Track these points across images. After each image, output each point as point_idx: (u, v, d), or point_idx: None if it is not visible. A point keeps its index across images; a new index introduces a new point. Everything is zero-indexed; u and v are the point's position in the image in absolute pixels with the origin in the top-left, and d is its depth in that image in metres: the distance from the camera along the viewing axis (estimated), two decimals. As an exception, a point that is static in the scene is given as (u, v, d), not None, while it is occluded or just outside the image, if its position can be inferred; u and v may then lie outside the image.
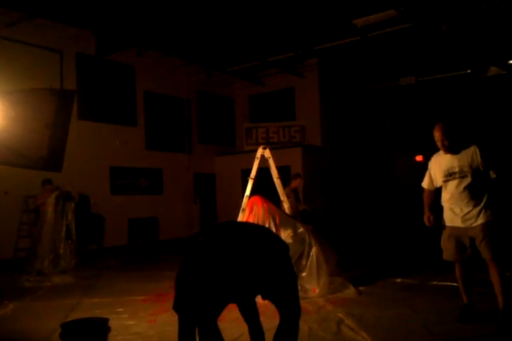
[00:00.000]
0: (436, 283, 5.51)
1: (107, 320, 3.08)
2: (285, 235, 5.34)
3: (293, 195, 7.49)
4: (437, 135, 3.89)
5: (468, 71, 11.36)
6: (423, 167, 4.33)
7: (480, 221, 3.74)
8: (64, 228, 7.09)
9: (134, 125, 11.29)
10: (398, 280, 5.81)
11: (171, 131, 12.33)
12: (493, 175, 3.80)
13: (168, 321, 4.26)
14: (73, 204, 7.28)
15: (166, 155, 11.93)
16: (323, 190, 11.84)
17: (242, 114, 14.39)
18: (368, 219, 11.82)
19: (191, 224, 12.27)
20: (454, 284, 5.22)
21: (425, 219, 4.09)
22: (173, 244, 10.97)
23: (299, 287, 4.98)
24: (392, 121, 14.57)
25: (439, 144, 3.91)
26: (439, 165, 4.00)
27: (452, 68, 11.46)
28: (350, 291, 5.13)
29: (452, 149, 3.88)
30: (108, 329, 3.02)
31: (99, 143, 10.16)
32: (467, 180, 3.81)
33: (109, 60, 10.58)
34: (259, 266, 2.55)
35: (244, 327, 2.99)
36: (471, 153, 3.84)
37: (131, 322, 4.31)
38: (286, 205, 6.11)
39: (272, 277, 2.57)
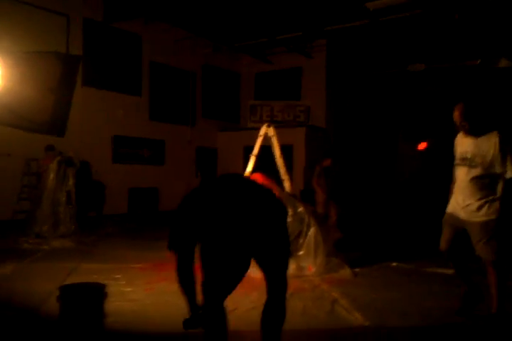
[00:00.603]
0: (431, 269, 5.55)
1: (104, 286, 3.11)
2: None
3: (323, 174, 7.41)
4: (456, 115, 3.57)
5: (479, 61, 11.21)
6: (425, 154, 4.20)
7: (480, 218, 3.48)
8: (64, 193, 7.12)
9: (139, 94, 11.20)
10: (394, 264, 5.87)
11: (175, 103, 12.24)
12: (510, 173, 3.43)
13: (165, 290, 4.32)
14: (75, 170, 7.28)
15: (169, 127, 11.88)
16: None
17: (247, 91, 14.27)
18: (369, 202, 11.86)
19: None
20: (449, 272, 5.31)
21: None
22: (172, 214, 11.01)
23: (295, 265, 5.07)
24: (397, 107, 14.48)
25: (458, 126, 3.62)
26: (456, 146, 3.71)
27: (462, 58, 11.31)
28: (346, 272, 5.18)
29: (472, 132, 3.55)
30: (105, 295, 3.05)
31: (103, 111, 10.10)
32: (476, 172, 3.50)
33: (116, 27, 10.41)
34: (257, 219, 2.49)
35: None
36: (490, 143, 3.47)
37: (128, 289, 4.36)
38: (287, 184, 6.11)
39: (268, 235, 2.51)
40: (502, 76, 11.41)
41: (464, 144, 3.63)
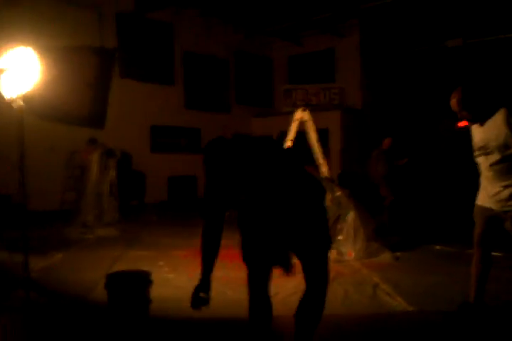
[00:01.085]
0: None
1: (149, 273, 3.19)
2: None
3: (383, 157, 7.45)
4: (453, 104, 3.20)
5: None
6: (468, 133, 3.87)
7: None
8: (107, 184, 7.32)
9: (173, 84, 11.29)
10: (437, 247, 5.76)
11: (210, 91, 12.28)
12: None
13: (208, 276, 4.40)
14: (116, 161, 7.46)
15: (204, 115, 11.95)
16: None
17: (280, 75, 14.13)
18: (409, 186, 11.62)
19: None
20: (495, 254, 5.16)
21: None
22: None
23: (335, 250, 5.05)
24: (437, 84, 14.01)
25: (458, 116, 3.26)
26: (472, 137, 3.37)
27: (503, 30, 10.79)
28: (387, 256, 5.14)
29: (476, 120, 3.23)
30: (150, 282, 3.13)
31: (140, 102, 10.25)
32: (493, 157, 3.16)
33: (147, 18, 10.47)
34: (295, 195, 2.31)
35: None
36: (497, 123, 3.12)
37: (171, 276, 4.47)
38: (324, 168, 6.07)
39: (306, 216, 2.32)
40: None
41: (476, 134, 3.30)
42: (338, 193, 5.43)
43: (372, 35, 12.46)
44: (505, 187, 3.15)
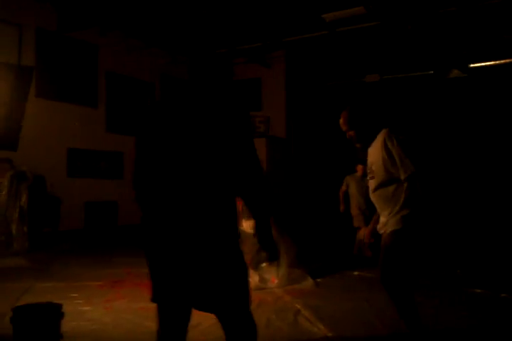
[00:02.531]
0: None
1: (60, 305, 3.01)
2: (246, 225, 5.34)
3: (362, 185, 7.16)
4: (340, 123, 3.20)
5: (431, 72, 11.65)
6: None
7: (388, 229, 2.99)
8: (17, 209, 6.84)
9: (95, 106, 10.95)
10: (355, 273, 5.94)
11: (134, 114, 12.05)
12: (402, 174, 2.88)
13: (124, 308, 4.21)
14: (28, 185, 7.02)
15: (127, 139, 11.64)
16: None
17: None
18: (326, 212, 12.00)
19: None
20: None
21: None
22: (132, 230, 10.78)
23: (258, 277, 5.05)
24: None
25: (347, 136, 3.22)
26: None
27: (416, 68, 11.72)
28: (309, 283, 5.20)
29: (360, 140, 3.17)
30: (62, 315, 2.95)
31: (57, 123, 9.80)
32: (375, 181, 3.03)
33: (70, 37, 10.19)
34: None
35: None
36: (378, 145, 3.01)
37: (86, 308, 4.21)
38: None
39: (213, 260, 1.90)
40: (453, 86, 11.88)
41: (368, 156, 3.19)
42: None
43: (298, 67, 13.00)
44: (388, 214, 2.97)
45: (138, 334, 3.53)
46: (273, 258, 2.13)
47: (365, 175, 7.29)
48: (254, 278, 4.97)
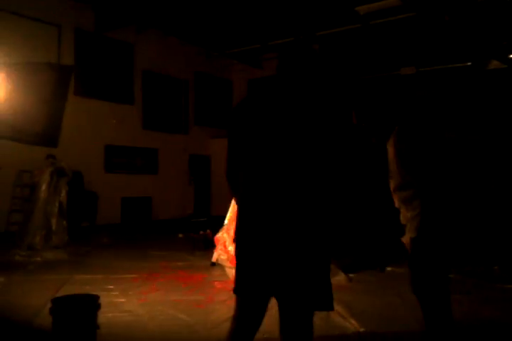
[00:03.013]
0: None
1: (97, 297, 3.08)
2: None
3: None
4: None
5: (469, 64, 11.29)
6: None
7: (408, 235, 2.94)
8: (57, 204, 7.06)
9: (131, 103, 11.19)
10: (389, 268, 5.86)
11: (169, 112, 12.24)
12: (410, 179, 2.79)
13: (159, 300, 4.30)
14: (67, 181, 7.24)
15: (162, 136, 11.86)
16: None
17: (240, 97, 14.26)
18: (357, 207, 11.84)
19: (185, 205, 12.29)
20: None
21: None
22: (166, 224, 10.99)
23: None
24: (392, 109, 14.50)
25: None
26: None
27: (453, 60, 11.39)
28: (341, 278, 5.17)
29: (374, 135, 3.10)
30: (98, 306, 3.03)
31: (95, 121, 10.07)
32: (392, 183, 2.90)
33: (107, 36, 10.42)
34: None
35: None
36: (390, 142, 2.86)
37: (121, 300, 4.32)
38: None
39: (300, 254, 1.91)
40: (493, 78, 11.49)
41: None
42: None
43: (330, 61, 12.84)
44: (408, 221, 2.82)
45: (172, 326, 3.61)
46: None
47: None
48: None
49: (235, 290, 2.08)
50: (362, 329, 3.53)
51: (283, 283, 1.92)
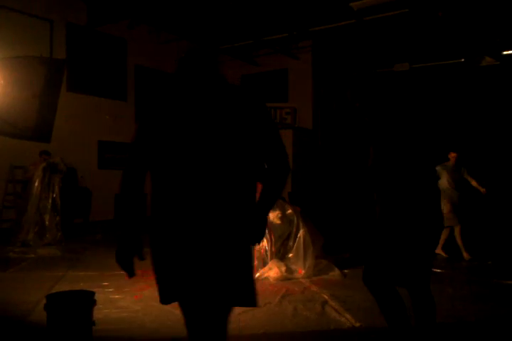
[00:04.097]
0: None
1: (92, 293, 3.07)
2: (273, 216, 5.36)
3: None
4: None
5: (462, 60, 11.33)
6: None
7: None
8: (50, 200, 7.03)
9: (124, 99, 11.12)
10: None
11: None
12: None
13: (154, 296, 4.23)
14: (60, 177, 7.20)
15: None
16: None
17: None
18: (354, 203, 11.90)
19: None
20: (439, 270, 5.38)
21: None
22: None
23: (285, 268, 5.06)
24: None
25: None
26: None
27: (447, 56, 11.42)
28: (335, 273, 5.19)
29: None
30: (94, 303, 3.02)
31: (88, 116, 10.00)
32: None
33: (100, 31, 10.34)
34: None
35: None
36: None
37: (116, 296, 4.32)
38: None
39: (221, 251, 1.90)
40: (486, 74, 11.55)
41: None
42: (289, 211, 5.47)
43: (325, 57, 12.84)
44: None
45: (167, 321, 3.61)
46: (255, 241, 1.98)
47: (458, 164, 6.60)
48: (281, 269, 4.99)
49: (162, 301, 2.04)
50: (357, 324, 3.56)
51: (203, 280, 1.91)
